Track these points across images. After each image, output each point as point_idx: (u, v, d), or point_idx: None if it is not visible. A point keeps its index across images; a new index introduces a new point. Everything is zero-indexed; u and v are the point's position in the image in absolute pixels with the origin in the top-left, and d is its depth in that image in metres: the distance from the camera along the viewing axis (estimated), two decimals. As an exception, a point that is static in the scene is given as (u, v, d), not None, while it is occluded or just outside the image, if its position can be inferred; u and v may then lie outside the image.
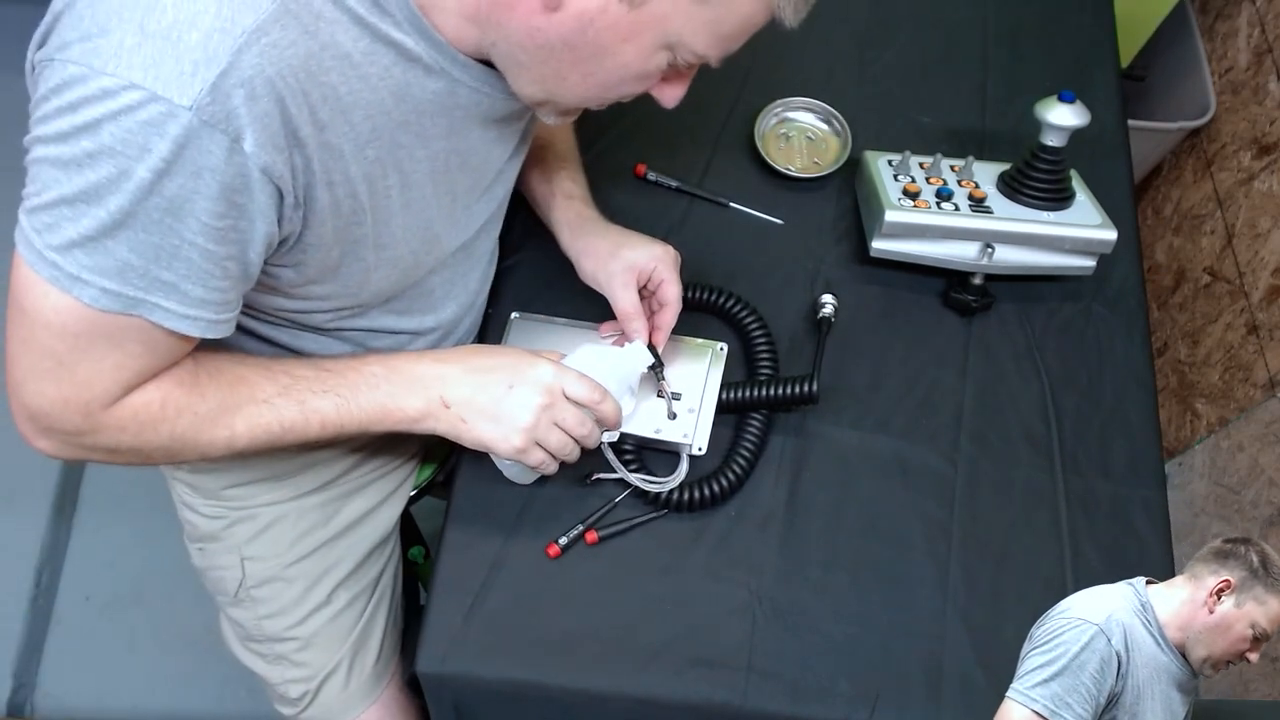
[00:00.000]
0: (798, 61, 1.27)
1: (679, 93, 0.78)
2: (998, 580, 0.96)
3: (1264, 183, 1.57)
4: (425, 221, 0.82)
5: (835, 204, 1.17)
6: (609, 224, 1.01)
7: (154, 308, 0.68)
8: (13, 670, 1.67)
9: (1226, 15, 1.75)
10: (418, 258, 0.85)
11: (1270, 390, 1.50)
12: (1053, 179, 1.07)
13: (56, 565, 1.76)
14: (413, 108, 0.73)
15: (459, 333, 0.99)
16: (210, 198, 0.64)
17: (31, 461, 1.81)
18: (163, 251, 0.65)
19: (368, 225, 0.76)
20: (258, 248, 0.69)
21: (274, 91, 0.63)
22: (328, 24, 0.65)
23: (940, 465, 1.01)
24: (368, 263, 0.79)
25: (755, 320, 1.04)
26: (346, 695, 1.08)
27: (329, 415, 0.81)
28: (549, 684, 0.89)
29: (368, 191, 0.74)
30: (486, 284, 1.02)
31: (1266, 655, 1.44)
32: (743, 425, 0.99)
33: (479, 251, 0.97)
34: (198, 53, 0.60)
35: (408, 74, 0.71)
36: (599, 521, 0.95)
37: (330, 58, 0.66)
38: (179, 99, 0.60)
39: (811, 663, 0.90)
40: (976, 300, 1.09)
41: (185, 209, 0.64)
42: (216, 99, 0.61)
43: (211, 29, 0.60)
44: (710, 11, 0.68)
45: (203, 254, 0.67)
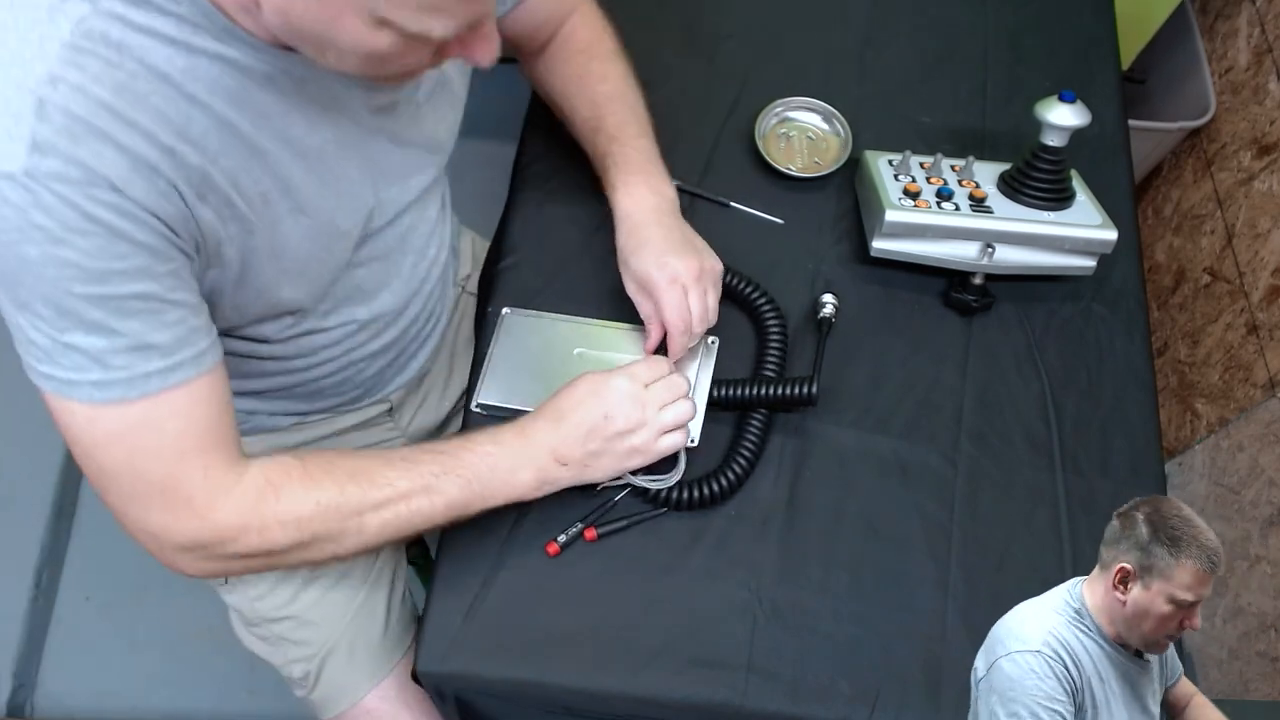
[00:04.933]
0: (798, 61, 1.27)
1: (484, 52, 0.69)
2: (998, 580, 0.96)
3: (1264, 183, 1.58)
4: (325, 220, 0.80)
5: (836, 204, 1.17)
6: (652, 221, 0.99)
7: (147, 379, 0.69)
8: (13, 670, 1.67)
9: (1226, 15, 1.75)
10: (324, 258, 0.83)
11: (1270, 390, 1.50)
12: (1053, 179, 1.07)
13: (56, 565, 1.76)
14: (259, 112, 0.71)
15: (405, 319, 0.98)
16: (104, 250, 0.64)
17: (31, 461, 1.82)
18: (110, 318, 0.66)
19: (259, 238, 0.75)
20: (180, 265, 0.69)
21: (94, 129, 0.62)
22: (133, 51, 0.64)
23: (940, 465, 1.01)
24: (266, 274, 0.78)
25: (774, 316, 1.04)
26: (353, 672, 1.08)
27: (455, 498, 0.83)
28: (549, 683, 0.89)
29: (245, 202, 0.73)
30: (435, 266, 1.00)
31: (1266, 655, 1.44)
32: (743, 424, 0.99)
33: (410, 237, 0.94)
34: (4, 118, 0.60)
35: (239, 80, 0.69)
36: (598, 520, 0.95)
37: (146, 82, 0.65)
38: (10, 166, 0.60)
39: (811, 663, 0.90)
40: (976, 300, 1.09)
41: (94, 269, 0.64)
42: (42, 153, 0.61)
43: (7, 92, 0.60)
44: None
45: (143, 299, 0.67)
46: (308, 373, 0.94)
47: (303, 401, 0.99)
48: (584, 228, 1.11)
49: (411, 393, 1.12)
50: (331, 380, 0.97)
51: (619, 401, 0.88)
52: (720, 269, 1.00)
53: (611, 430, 0.88)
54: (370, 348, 0.97)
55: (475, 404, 0.99)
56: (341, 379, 0.98)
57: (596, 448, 0.88)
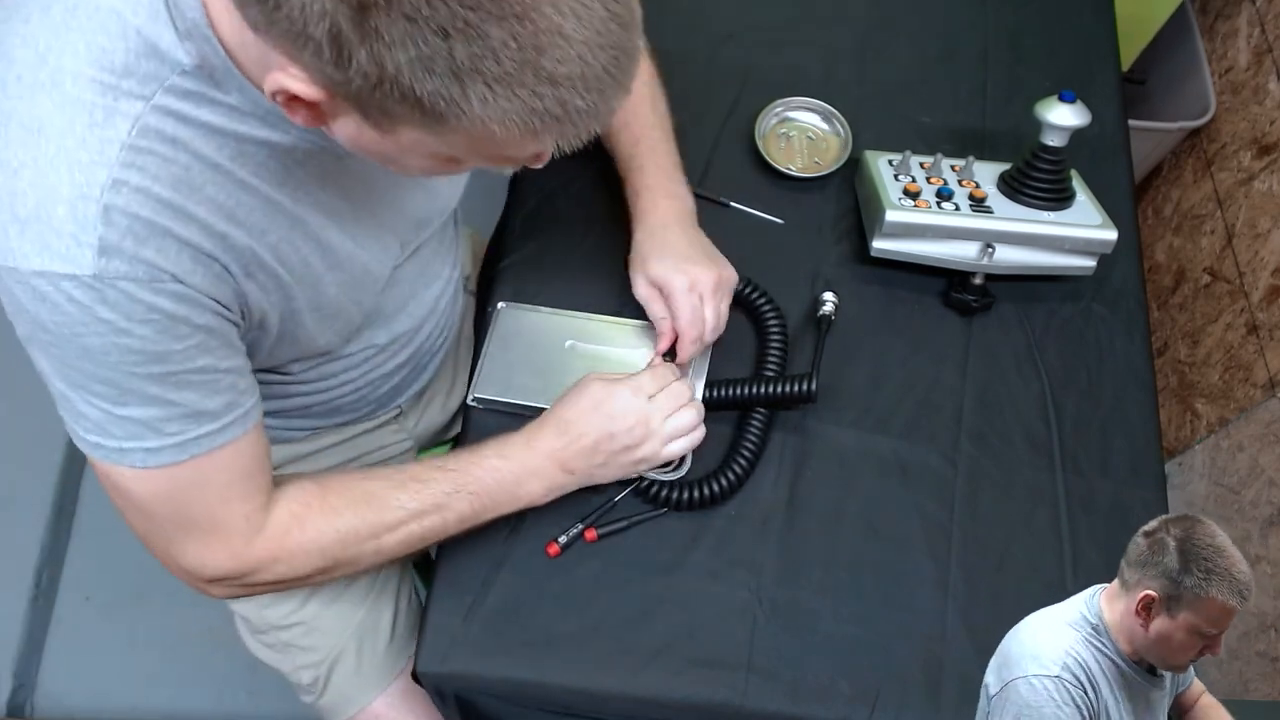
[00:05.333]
0: (798, 61, 1.27)
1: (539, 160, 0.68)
2: (998, 580, 0.96)
3: (1264, 183, 1.57)
4: (359, 271, 0.82)
5: (836, 204, 1.17)
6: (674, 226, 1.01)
7: (198, 441, 0.71)
8: (13, 670, 1.66)
9: (1226, 15, 1.75)
10: (359, 302, 0.85)
11: (1270, 390, 1.50)
12: (1053, 179, 1.07)
13: (56, 565, 1.76)
14: (300, 185, 0.73)
15: (421, 336, 0.99)
16: (165, 333, 0.65)
17: (31, 462, 1.82)
18: (167, 392, 0.68)
19: (299, 300, 0.77)
20: (231, 333, 0.72)
21: (156, 228, 0.63)
22: (187, 145, 0.64)
23: (940, 465, 1.01)
24: (308, 327, 0.81)
25: (774, 316, 1.04)
26: (360, 678, 1.09)
27: (466, 514, 0.86)
28: (549, 683, 0.89)
29: (287, 271, 0.74)
30: (450, 284, 1.01)
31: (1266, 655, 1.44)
32: (744, 424, 0.99)
33: (429, 262, 0.96)
34: (70, 225, 0.61)
35: (282, 160, 0.70)
36: (598, 520, 0.95)
37: (200, 174, 0.65)
38: (80, 271, 0.61)
39: (811, 663, 0.90)
40: (976, 300, 1.09)
41: (154, 351, 0.66)
42: (110, 256, 0.61)
43: (73, 199, 0.61)
44: (458, 140, 0.59)
45: (199, 372, 0.69)
46: (327, 394, 0.95)
47: (320, 418, 1.01)
48: (584, 227, 1.11)
49: (419, 397, 1.12)
50: (349, 400, 0.98)
51: (624, 417, 0.89)
52: (735, 280, 1.01)
53: (617, 446, 0.89)
54: (386, 368, 0.98)
55: (471, 398, 1.00)
56: (358, 398, 0.99)
57: (602, 460, 0.89)
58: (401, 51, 0.51)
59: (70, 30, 0.61)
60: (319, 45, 0.52)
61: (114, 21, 0.61)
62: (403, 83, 0.53)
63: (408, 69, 0.52)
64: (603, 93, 0.56)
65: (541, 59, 0.53)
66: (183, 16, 0.61)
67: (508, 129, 0.55)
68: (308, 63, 0.54)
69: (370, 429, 1.08)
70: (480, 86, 0.53)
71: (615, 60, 0.55)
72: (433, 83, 0.53)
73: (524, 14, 0.51)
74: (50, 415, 0.72)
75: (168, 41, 0.62)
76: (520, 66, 0.52)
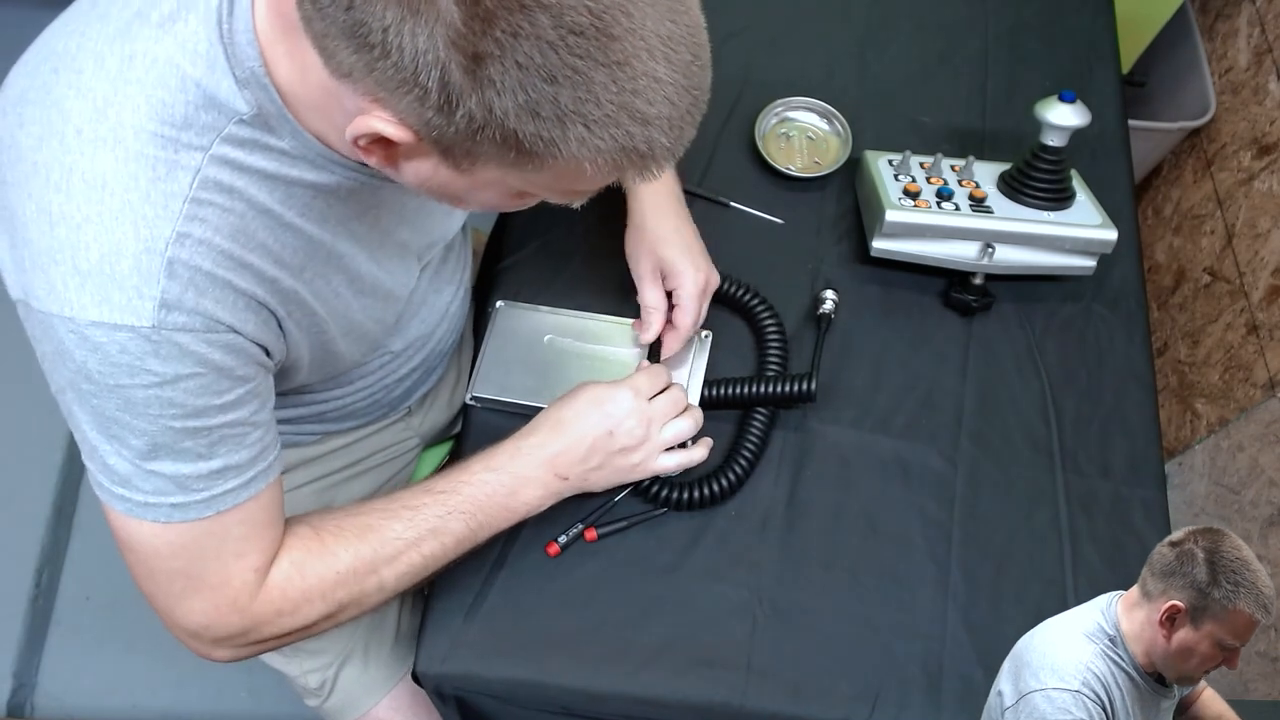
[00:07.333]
0: (798, 61, 1.27)
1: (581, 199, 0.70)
2: (998, 580, 0.96)
3: (1264, 183, 1.57)
4: (384, 294, 0.83)
5: (836, 204, 1.17)
6: (677, 214, 1.01)
7: (222, 498, 0.70)
8: (13, 670, 1.66)
9: (1226, 15, 1.75)
10: (383, 321, 0.86)
11: (1270, 390, 1.50)
12: (1053, 179, 1.07)
13: (56, 565, 1.76)
14: (338, 221, 0.73)
15: (433, 340, 1.00)
16: (208, 388, 0.66)
17: (31, 461, 1.82)
18: (199, 447, 0.68)
19: (331, 330, 0.78)
20: (264, 383, 0.72)
21: (217, 279, 0.64)
22: (242, 192, 0.65)
23: (940, 465, 1.01)
24: (339, 351, 0.81)
25: (771, 318, 1.04)
26: (366, 680, 1.09)
27: (463, 534, 0.84)
28: (549, 683, 0.89)
29: (322, 305, 0.75)
30: (460, 288, 1.02)
31: (1266, 655, 1.44)
32: (744, 424, 0.99)
33: (441, 270, 0.96)
34: (134, 278, 0.61)
35: (326, 199, 0.71)
36: (598, 520, 0.95)
37: (254, 219, 0.66)
38: (139, 322, 0.61)
39: (811, 663, 0.90)
40: (976, 300, 1.09)
41: (194, 405, 0.66)
42: (170, 309, 0.62)
43: (138, 253, 0.61)
44: (541, 177, 0.60)
45: (231, 426, 0.69)
46: (342, 401, 0.95)
47: (333, 423, 1.01)
48: (583, 227, 1.11)
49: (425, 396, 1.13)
50: (363, 405, 0.98)
51: (623, 416, 0.88)
52: (717, 281, 1.03)
53: (615, 446, 0.89)
54: (400, 372, 0.98)
55: (470, 396, 1.01)
56: (372, 403, 0.99)
57: (598, 463, 0.89)
58: (510, 98, 0.52)
59: (129, 84, 0.61)
60: (425, 91, 0.53)
61: (173, 75, 0.61)
62: (506, 126, 0.54)
63: (514, 114, 0.53)
64: (682, 131, 0.58)
65: (636, 101, 0.54)
66: (241, 65, 0.61)
67: (597, 167, 0.57)
68: (404, 108, 0.55)
69: (379, 429, 1.09)
70: (579, 128, 0.54)
71: (695, 101, 0.58)
72: (535, 125, 0.54)
73: (625, 60, 0.53)
74: (50, 415, 0.72)
75: (226, 91, 0.62)
76: (618, 109, 0.54)
